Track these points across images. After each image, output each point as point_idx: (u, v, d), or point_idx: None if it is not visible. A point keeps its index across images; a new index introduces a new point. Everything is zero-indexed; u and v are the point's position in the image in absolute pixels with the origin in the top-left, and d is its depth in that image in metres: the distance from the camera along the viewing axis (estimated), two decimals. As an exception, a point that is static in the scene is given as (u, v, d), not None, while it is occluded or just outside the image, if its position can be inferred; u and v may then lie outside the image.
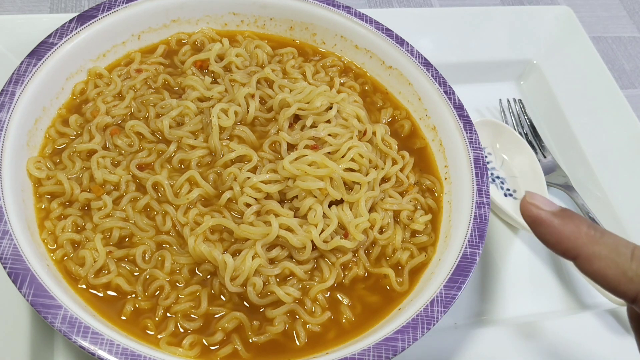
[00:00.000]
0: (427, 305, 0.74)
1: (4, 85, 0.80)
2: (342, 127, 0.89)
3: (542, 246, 1.00)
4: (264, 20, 1.04)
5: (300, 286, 0.79)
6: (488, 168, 0.99)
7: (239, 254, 0.78)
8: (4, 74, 0.83)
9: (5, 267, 0.68)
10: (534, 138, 1.14)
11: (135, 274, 0.78)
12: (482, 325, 0.92)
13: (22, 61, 0.83)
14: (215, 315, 0.76)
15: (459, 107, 0.94)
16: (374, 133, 0.92)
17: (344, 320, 0.79)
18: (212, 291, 0.78)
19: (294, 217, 0.81)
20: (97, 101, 0.89)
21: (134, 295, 0.76)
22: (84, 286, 0.75)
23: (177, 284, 0.78)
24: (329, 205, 0.83)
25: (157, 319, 0.75)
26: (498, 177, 1.09)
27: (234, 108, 0.88)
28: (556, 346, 0.89)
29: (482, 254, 0.81)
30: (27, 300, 0.66)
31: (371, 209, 0.86)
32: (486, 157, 1.07)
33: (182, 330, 0.74)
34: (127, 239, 0.80)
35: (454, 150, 0.92)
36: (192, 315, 0.76)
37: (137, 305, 0.75)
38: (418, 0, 1.39)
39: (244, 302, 0.77)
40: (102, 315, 0.73)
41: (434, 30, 1.19)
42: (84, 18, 0.90)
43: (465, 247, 0.80)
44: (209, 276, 0.79)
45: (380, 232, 0.86)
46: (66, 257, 0.77)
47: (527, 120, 1.16)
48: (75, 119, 0.87)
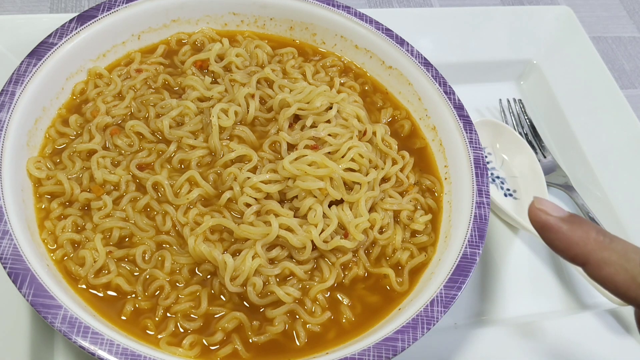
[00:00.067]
0: (427, 305, 0.74)
1: (4, 85, 0.80)
2: (342, 127, 0.89)
3: (542, 246, 1.02)
4: (264, 20, 1.04)
5: (300, 286, 0.79)
6: (488, 168, 0.99)
7: (239, 254, 0.78)
8: (4, 74, 0.83)
9: (5, 267, 0.68)
10: (534, 138, 1.14)
11: (135, 274, 0.78)
12: (482, 325, 0.92)
13: (22, 61, 0.83)
14: (215, 315, 0.76)
15: (459, 107, 0.94)
16: (374, 133, 0.92)
17: (344, 320, 0.79)
18: (212, 291, 0.78)
19: (294, 217, 0.81)
20: (97, 101, 0.89)
21: (134, 295, 0.76)
22: (84, 286, 0.75)
23: (177, 284, 0.78)
24: (329, 205, 0.83)
25: (157, 319, 0.75)
26: (498, 177, 1.09)
27: (234, 108, 0.88)
28: (556, 346, 0.89)
29: (482, 254, 0.81)
30: (27, 300, 0.66)
31: (371, 209, 0.86)
32: (486, 157, 1.07)
33: (182, 330, 0.74)
34: (127, 239, 0.80)
35: (454, 150, 0.92)
36: (192, 315, 0.76)
37: (137, 305, 0.75)
38: (418, 0, 1.39)
39: (244, 302, 0.77)
40: (102, 315, 0.73)
41: (434, 30, 1.19)
42: (84, 18, 0.90)
43: (465, 247, 0.80)
44: (209, 276, 0.79)
45: (380, 232, 0.86)
46: (66, 257, 0.77)
47: (527, 120, 1.16)
48: (75, 119, 0.87)
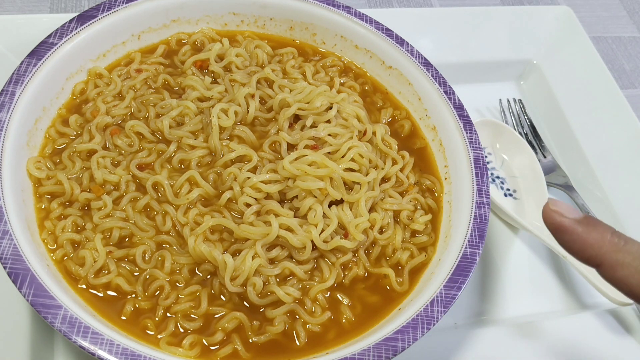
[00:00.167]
0: (427, 305, 0.74)
1: (4, 85, 0.80)
2: (342, 127, 0.89)
3: (542, 246, 1.02)
4: (264, 20, 1.04)
5: (300, 286, 0.79)
6: (488, 168, 0.99)
7: (239, 254, 0.78)
8: (4, 74, 0.83)
9: (5, 267, 0.68)
10: (534, 138, 1.14)
11: (135, 274, 0.78)
12: (482, 325, 0.92)
13: (22, 61, 0.83)
14: (215, 315, 0.76)
15: (459, 107, 0.94)
16: (374, 133, 0.92)
17: (344, 320, 0.79)
18: (212, 291, 0.78)
19: (294, 217, 0.81)
20: (97, 101, 0.89)
21: (134, 295, 0.76)
22: (84, 286, 0.75)
23: (177, 284, 0.78)
24: (329, 205, 0.83)
25: (157, 319, 0.75)
26: (498, 177, 1.09)
27: (234, 108, 0.88)
28: (556, 346, 0.89)
29: (482, 254, 0.81)
30: (27, 300, 0.66)
31: (371, 209, 0.86)
32: (486, 157, 1.07)
33: (182, 330, 0.74)
34: (127, 239, 0.80)
35: (454, 150, 0.92)
36: (192, 315, 0.76)
37: (137, 305, 0.75)
38: (418, 0, 1.39)
39: (244, 302, 0.77)
40: (102, 315, 0.73)
41: (434, 30, 1.19)
42: (84, 18, 0.90)
43: (465, 247, 0.80)
44: (209, 276, 0.79)
45: (380, 232, 0.86)
46: (66, 257, 0.77)
47: (527, 120, 1.16)
48: (75, 119, 0.87)
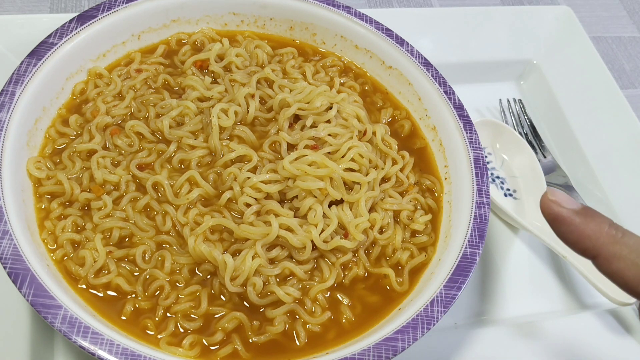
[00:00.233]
0: (427, 305, 0.74)
1: (4, 85, 0.80)
2: (342, 127, 0.89)
3: (542, 246, 1.02)
4: (264, 20, 1.04)
5: (300, 286, 0.79)
6: (488, 168, 0.99)
7: (239, 254, 0.78)
8: (4, 74, 0.83)
9: (5, 267, 0.68)
10: (534, 138, 1.14)
11: (135, 274, 0.78)
12: (482, 325, 0.92)
13: (22, 61, 0.83)
14: (215, 315, 0.76)
15: (459, 107, 0.94)
16: (374, 133, 0.91)
17: (344, 320, 0.79)
18: (212, 291, 0.78)
19: (294, 217, 0.81)
20: (97, 101, 0.89)
21: (134, 295, 0.76)
22: (84, 286, 0.75)
23: (177, 284, 0.78)
24: (329, 205, 0.83)
25: (157, 319, 0.75)
26: (498, 177, 1.09)
27: (234, 108, 0.88)
28: (556, 346, 0.89)
29: (482, 254, 0.81)
30: (27, 300, 0.66)
31: (371, 209, 0.86)
32: (486, 157, 1.07)
33: (182, 330, 0.74)
34: (127, 239, 0.80)
35: (454, 150, 0.92)
36: (192, 315, 0.76)
37: (137, 305, 0.75)
38: (418, 0, 1.39)
39: (244, 302, 0.77)
40: (102, 315, 0.73)
41: (434, 30, 1.19)
42: (84, 18, 0.90)
43: (465, 247, 0.80)
44: (209, 276, 0.79)
45: (380, 232, 0.86)
46: (66, 257, 0.77)
47: (527, 120, 1.16)
48: (75, 119, 0.87)
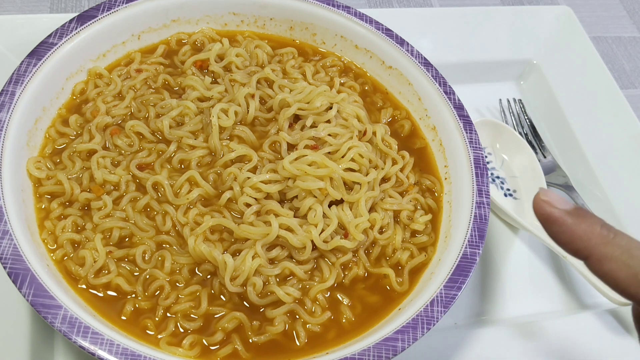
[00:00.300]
0: (427, 305, 0.74)
1: (4, 85, 0.80)
2: (342, 127, 0.89)
3: (542, 246, 1.02)
4: (264, 20, 1.04)
5: (300, 286, 0.79)
6: (488, 168, 0.99)
7: (239, 254, 0.78)
8: (4, 74, 0.83)
9: (5, 267, 0.68)
10: (534, 138, 1.14)
11: (135, 274, 0.78)
12: (482, 325, 0.92)
13: (22, 61, 0.83)
14: (215, 315, 0.76)
15: (459, 107, 0.94)
16: (374, 133, 0.91)
17: (344, 320, 0.79)
18: (212, 291, 0.78)
19: (294, 217, 0.81)
20: (97, 101, 0.89)
21: (134, 295, 0.76)
22: (84, 286, 0.75)
23: (177, 284, 0.78)
24: (329, 205, 0.83)
25: (157, 319, 0.75)
26: (498, 177, 1.09)
27: (234, 108, 0.88)
28: (556, 346, 0.89)
29: (482, 254, 0.81)
30: (27, 300, 0.66)
31: (371, 209, 0.86)
32: (486, 157, 1.07)
33: (182, 330, 0.74)
34: (127, 239, 0.80)
35: (454, 150, 0.92)
36: (192, 315, 0.76)
37: (137, 305, 0.75)
38: (418, 0, 1.39)
39: (244, 302, 0.77)
40: (102, 315, 0.73)
41: (434, 30, 1.19)
42: (84, 18, 0.90)
43: (465, 247, 0.80)
44: (209, 276, 0.79)
45: (380, 232, 0.86)
46: (66, 257, 0.77)
47: (527, 120, 1.16)
48: (75, 119, 0.87)
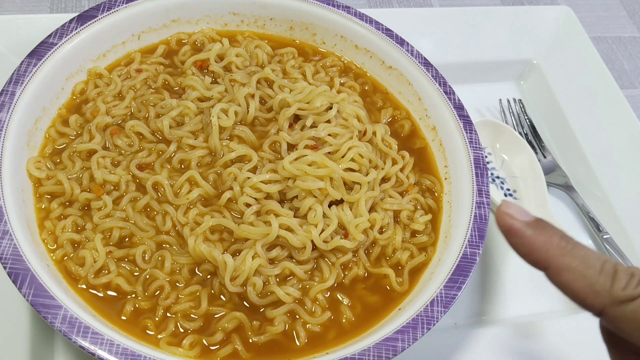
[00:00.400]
0: (427, 305, 0.74)
1: (4, 85, 0.80)
2: (342, 127, 0.89)
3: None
4: (264, 20, 1.04)
5: (300, 286, 0.79)
6: (488, 168, 0.99)
7: (239, 254, 0.78)
8: (4, 74, 0.83)
9: (5, 267, 0.68)
10: (534, 138, 1.14)
11: (135, 274, 0.78)
12: (482, 325, 0.92)
13: (22, 61, 0.83)
14: (215, 315, 0.76)
15: (459, 107, 0.94)
16: (374, 133, 0.91)
17: (344, 320, 0.79)
18: (212, 291, 0.78)
19: (294, 217, 0.81)
20: (97, 101, 0.89)
21: (134, 295, 0.76)
22: (84, 286, 0.75)
23: (177, 284, 0.78)
24: (329, 205, 0.83)
25: (157, 319, 0.75)
26: (498, 177, 1.09)
27: (234, 108, 0.88)
28: (556, 346, 0.89)
29: (482, 254, 0.81)
30: (27, 300, 0.66)
31: (371, 209, 0.86)
32: (486, 157, 1.07)
33: (182, 330, 0.74)
34: (127, 239, 0.80)
35: (454, 150, 0.92)
36: (192, 315, 0.76)
37: (137, 305, 0.75)
38: (418, 0, 1.39)
39: (244, 302, 0.77)
40: (102, 315, 0.73)
41: (434, 30, 1.19)
42: (84, 18, 0.90)
43: (465, 247, 0.80)
44: (209, 276, 0.79)
45: (380, 232, 0.86)
46: (66, 257, 0.77)
47: (527, 120, 1.16)
48: (75, 119, 0.87)
